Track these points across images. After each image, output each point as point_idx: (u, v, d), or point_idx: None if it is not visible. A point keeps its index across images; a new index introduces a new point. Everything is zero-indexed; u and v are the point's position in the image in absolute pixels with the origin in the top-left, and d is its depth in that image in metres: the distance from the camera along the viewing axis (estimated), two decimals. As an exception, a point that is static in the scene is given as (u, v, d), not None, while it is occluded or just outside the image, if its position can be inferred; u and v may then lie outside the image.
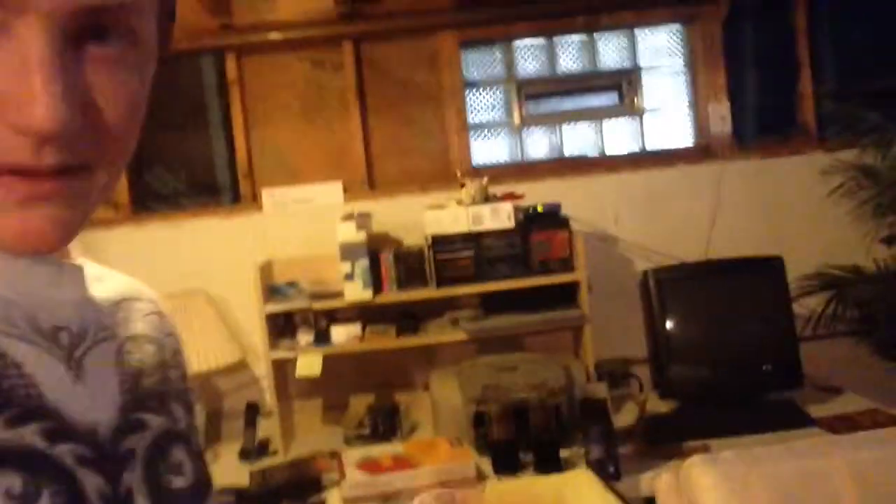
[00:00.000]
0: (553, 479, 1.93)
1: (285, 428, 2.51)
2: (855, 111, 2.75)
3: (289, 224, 2.72)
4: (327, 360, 2.41)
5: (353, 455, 2.09)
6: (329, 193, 2.75)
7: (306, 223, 2.71)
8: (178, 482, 0.53)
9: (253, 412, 2.50)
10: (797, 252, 2.65)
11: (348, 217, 2.48)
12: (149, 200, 2.77)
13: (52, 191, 0.43)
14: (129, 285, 0.61)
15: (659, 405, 2.47)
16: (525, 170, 2.95)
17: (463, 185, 2.55)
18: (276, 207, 2.74)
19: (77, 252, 0.57)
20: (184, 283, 2.59)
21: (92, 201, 0.47)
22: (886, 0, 3.02)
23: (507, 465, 2.06)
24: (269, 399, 2.56)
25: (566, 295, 2.54)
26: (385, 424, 2.39)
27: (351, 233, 2.43)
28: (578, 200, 2.73)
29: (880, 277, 2.78)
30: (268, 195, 2.74)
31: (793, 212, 2.89)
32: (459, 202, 2.54)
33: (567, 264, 2.51)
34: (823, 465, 1.48)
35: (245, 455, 2.39)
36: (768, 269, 2.54)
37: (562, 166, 2.96)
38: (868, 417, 2.26)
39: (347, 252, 2.42)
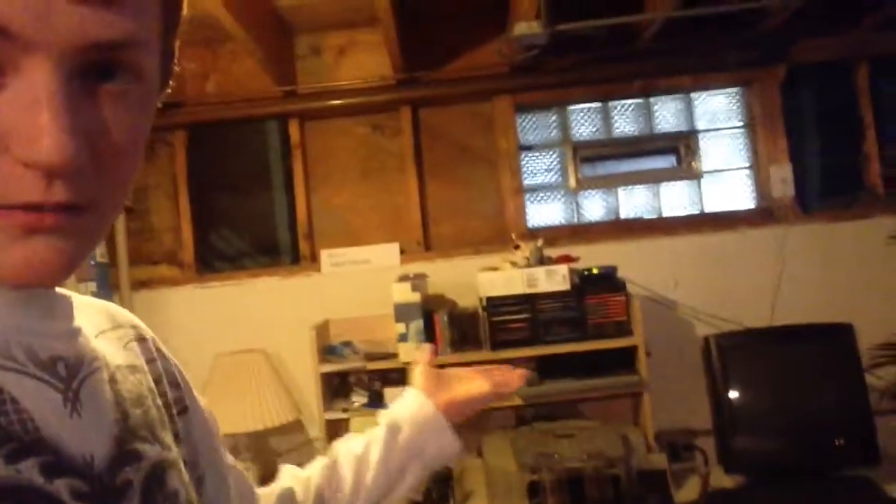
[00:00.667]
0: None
1: (337, 491, 2.48)
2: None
3: (346, 284, 2.75)
4: (380, 423, 2.39)
5: (404, 521, 2.04)
6: (386, 255, 2.78)
7: (363, 284, 2.74)
8: None
9: (305, 474, 2.48)
10: (867, 320, 2.54)
11: (403, 278, 2.50)
12: (213, 260, 2.85)
13: (57, 223, 0.43)
14: (109, 313, 0.62)
15: (723, 479, 2.36)
16: (580, 232, 2.93)
17: (517, 247, 2.55)
18: (334, 268, 2.78)
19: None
20: (243, 342, 2.63)
21: (94, 236, 0.48)
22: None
23: (562, 537, 1.99)
24: (321, 460, 2.55)
25: (624, 360, 2.48)
26: (438, 491, 2.34)
27: (406, 293, 2.44)
28: (636, 263, 2.69)
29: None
30: (326, 256, 2.79)
31: (861, 278, 2.78)
32: (514, 264, 2.53)
33: (624, 328, 2.46)
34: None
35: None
36: (838, 337, 2.44)
37: (618, 229, 2.94)
38: (953, 498, 2.11)
39: (402, 312, 2.42)
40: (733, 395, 2.38)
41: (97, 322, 0.59)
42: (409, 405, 0.90)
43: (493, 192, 2.91)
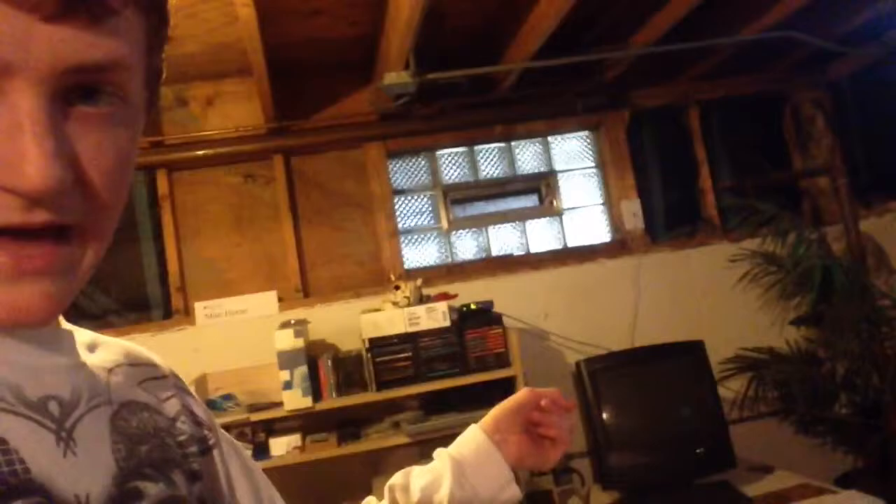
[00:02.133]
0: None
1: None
2: (752, 203, 3.00)
3: (223, 336, 2.69)
4: (267, 473, 2.34)
5: (300, 572, 2.01)
6: (263, 303, 2.75)
7: (241, 334, 2.69)
8: None
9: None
10: (715, 337, 2.80)
11: (285, 324, 2.49)
12: (76, 320, 2.68)
13: (42, 264, 0.43)
14: (124, 351, 0.61)
15: (601, 496, 2.50)
16: (455, 271, 3.04)
17: (397, 287, 2.61)
18: (210, 320, 2.71)
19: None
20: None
21: (81, 271, 0.47)
22: (767, 103, 3.38)
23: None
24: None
25: (504, 390, 2.58)
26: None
27: (289, 340, 2.42)
28: (508, 297, 2.83)
29: (794, 358, 2.96)
30: (200, 308, 2.72)
31: (707, 299, 3.08)
32: (395, 304, 2.58)
33: (503, 360, 2.57)
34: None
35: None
36: (691, 354, 2.67)
37: (490, 266, 3.07)
38: (798, 493, 2.35)
39: (286, 360, 2.40)
40: (604, 415, 2.54)
41: (111, 359, 0.57)
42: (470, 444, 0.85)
43: (368, 236, 2.97)
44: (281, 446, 2.43)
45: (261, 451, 2.42)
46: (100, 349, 0.57)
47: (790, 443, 2.95)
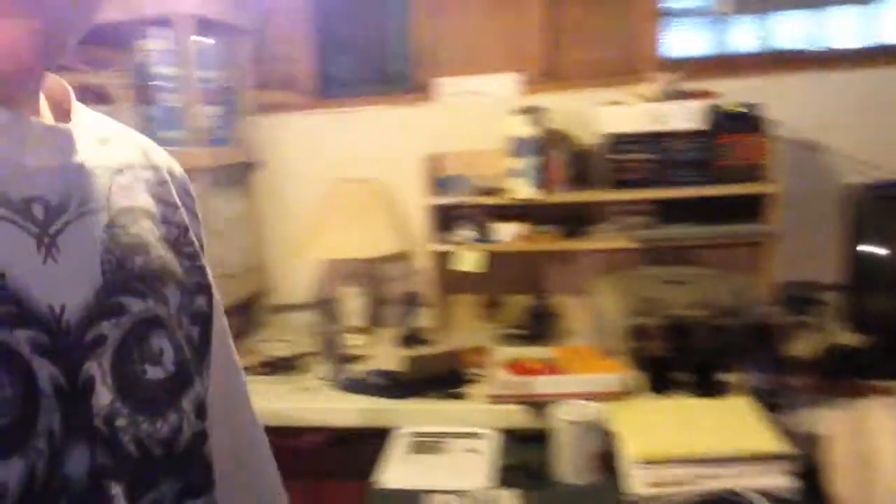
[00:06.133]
0: (710, 403, 1.81)
1: (441, 320, 2.56)
2: None
3: (461, 115, 2.65)
4: (488, 257, 2.40)
5: (503, 354, 2.09)
6: (504, 85, 2.64)
7: (478, 115, 2.63)
8: (155, 372, 0.49)
9: (412, 302, 2.57)
10: None
11: (520, 110, 2.38)
12: (331, 87, 2.84)
13: None
14: (140, 150, 0.56)
15: (848, 337, 2.20)
16: (726, 64, 2.62)
17: (650, 79, 2.34)
18: (450, 98, 2.68)
19: (85, 112, 0.52)
20: (357, 170, 2.66)
21: (66, 13, 0.43)
22: None
23: (662, 383, 1.95)
24: (428, 290, 2.58)
25: (753, 207, 2.29)
26: (539, 327, 2.35)
27: (522, 127, 2.33)
28: (785, 102, 2.40)
29: None
30: (441, 85, 2.69)
31: None
32: (643, 97, 2.33)
33: (759, 173, 2.24)
34: None
35: (401, 341, 2.46)
36: None
37: (770, 61, 2.60)
38: None
39: (517, 147, 2.33)
40: (872, 249, 2.15)
41: (122, 157, 0.53)
42: None
43: (627, 17, 2.63)
44: (505, 232, 2.43)
45: (485, 235, 2.45)
46: (113, 144, 0.52)
47: None
